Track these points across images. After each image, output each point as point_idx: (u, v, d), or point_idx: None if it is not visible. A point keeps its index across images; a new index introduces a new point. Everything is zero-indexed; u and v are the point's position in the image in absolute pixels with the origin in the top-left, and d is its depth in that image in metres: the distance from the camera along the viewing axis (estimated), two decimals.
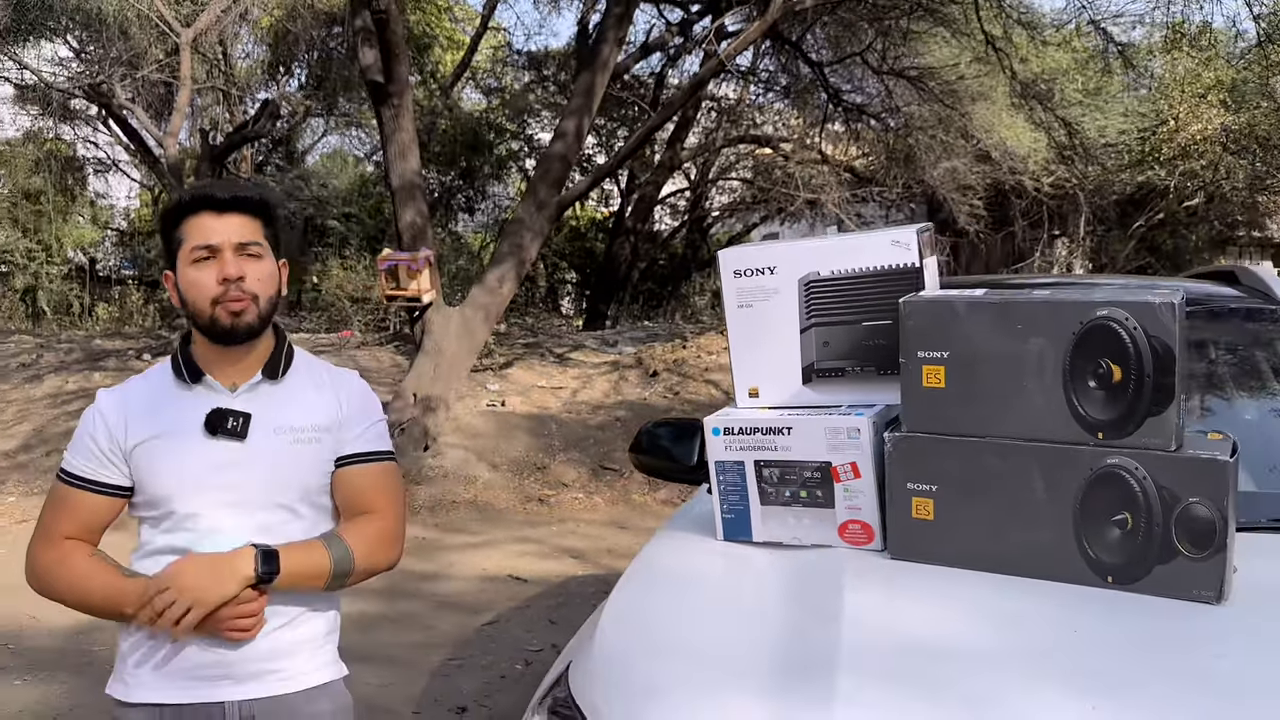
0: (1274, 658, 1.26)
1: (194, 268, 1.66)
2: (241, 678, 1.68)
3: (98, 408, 1.73)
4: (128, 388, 1.77)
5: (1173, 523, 1.37)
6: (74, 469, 1.70)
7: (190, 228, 1.67)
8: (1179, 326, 1.36)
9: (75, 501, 1.69)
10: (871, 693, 1.23)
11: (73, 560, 1.66)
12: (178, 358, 1.74)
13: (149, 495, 1.69)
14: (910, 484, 1.54)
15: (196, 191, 1.72)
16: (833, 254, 1.67)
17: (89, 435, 1.70)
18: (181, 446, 1.66)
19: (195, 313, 1.67)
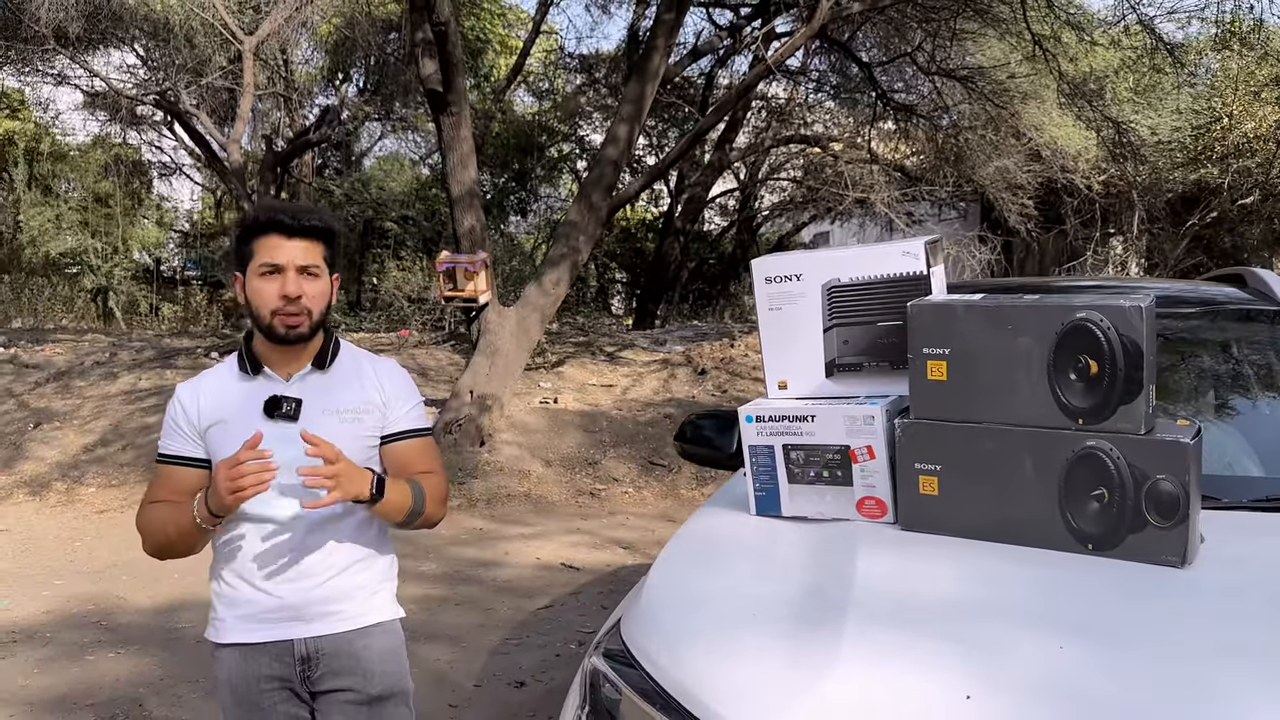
0: (1223, 611, 1.46)
1: (260, 280, 1.93)
2: (308, 619, 1.99)
3: (177, 397, 2.03)
4: (200, 380, 2.06)
5: (1143, 497, 1.57)
6: (165, 449, 2.02)
7: (260, 245, 1.93)
8: (1147, 327, 1.56)
9: (167, 475, 2.00)
10: (875, 633, 1.45)
11: (152, 512, 1.98)
12: (241, 353, 2.03)
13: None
14: (918, 464, 1.76)
15: (269, 214, 1.96)
16: (851, 263, 1.90)
17: (173, 420, 2.02)
18: (244, 428, 1.90)
19: (256, 317, 1.95)
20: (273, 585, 1.98)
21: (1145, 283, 3.05)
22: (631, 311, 18.23)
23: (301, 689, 2.02)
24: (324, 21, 16.14)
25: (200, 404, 2.00)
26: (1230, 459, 2.17)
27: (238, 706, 2.01)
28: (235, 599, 2.00)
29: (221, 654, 2.03)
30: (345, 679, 2.03)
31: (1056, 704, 1.26)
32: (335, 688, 2.03)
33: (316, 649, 2.01)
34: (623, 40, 17.67)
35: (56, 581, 5.66)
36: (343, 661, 2.03)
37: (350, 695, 2.03)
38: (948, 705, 1.29)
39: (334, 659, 2.02)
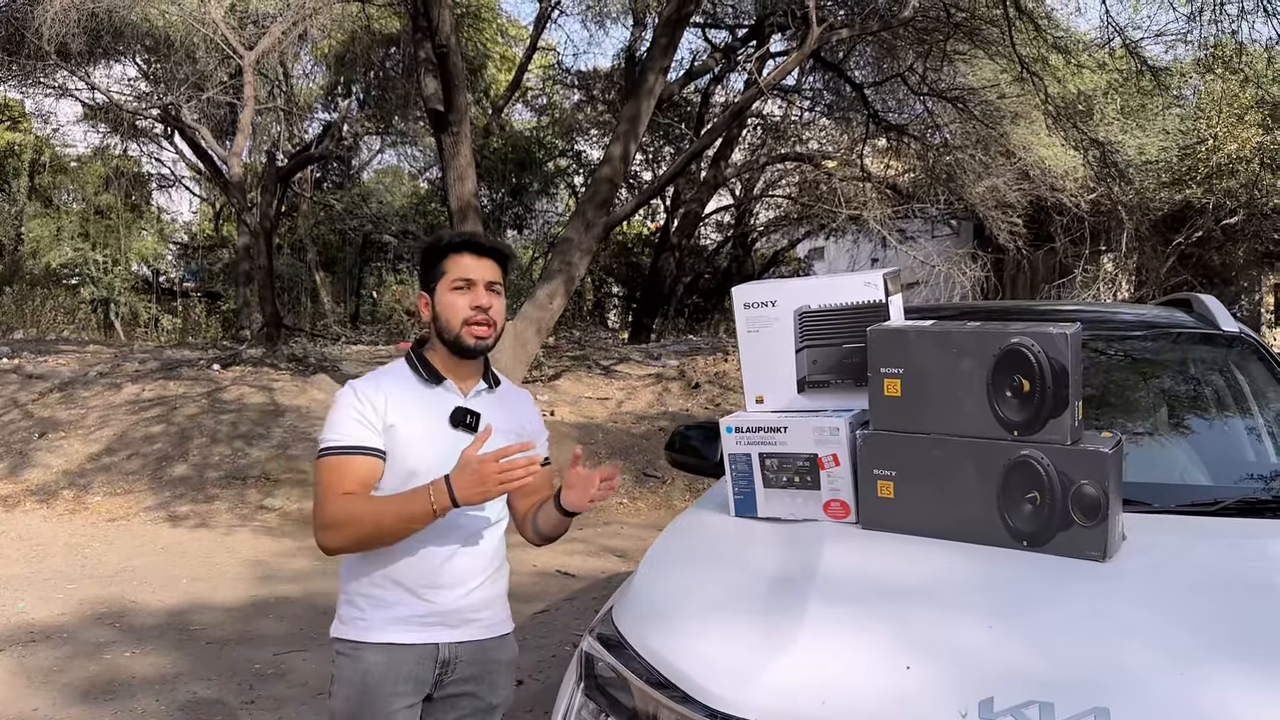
0: (1132, 598, 1.69)
1: (453, 294, 2.07)
2: (454, 624, 2.07)
3: (358, 390, 2.05)
4: (379, 378, 2.10)
5: (1069, 499, 1.80)
6: (345, 439, 2.00)
7: (453, 264, 2.09)
8: (1072, 351, 1.79)
9: (350, 465, 1.99)
10: (833, 615, 1.67)
11: (356, 501, 1.97)
12: (416, 363, 2.12)
13: (398, 468, 2.02)
14: (876, 470, 1.99)
15: (464, 236, 2.14)
16: (820, 291, 2.13)
17: (354, 409, 2.02)
18: (430, 432, 2.03)
19: (446, 329, 2.07)
20: (428, 590, 2.04)
21: (1090, 307, 3.29)
22: (627, 326, 18.46)
23: (431, 690, 2.08)
24: (324, 37, 16.33)
25: (387, 399, 2.03)
26: (1161, 470, 2.41)
27: (366, 703, 2.02)
28: (386, 600, 2.04)
29: (362, 652, 2.04)
30: (473, 685, 2.11)
31: (981, 671, 1.49)
32: (460, 692, 2.10)
33: (456, 654, 2.07)
34: (619, 56, 17.94)
35: (69, 586, 5.85)
36: (476, 668, 2.10)
37: (473, 702, 2.12)
38: (890, 673, 1.51)
39: (470, 665, 2.09)
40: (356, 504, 1.96)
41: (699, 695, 1.59)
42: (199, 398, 10.38)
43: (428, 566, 2.04)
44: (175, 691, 4.20)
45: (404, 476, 2.02)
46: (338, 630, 2.10)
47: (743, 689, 1.56)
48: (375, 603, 2.05)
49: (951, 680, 1.48)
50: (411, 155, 21.88)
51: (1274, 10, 9.42)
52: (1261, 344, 2.77)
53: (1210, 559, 1.89)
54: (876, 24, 10.25)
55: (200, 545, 6.92)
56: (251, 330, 15.80)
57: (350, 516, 1.95)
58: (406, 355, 2.13)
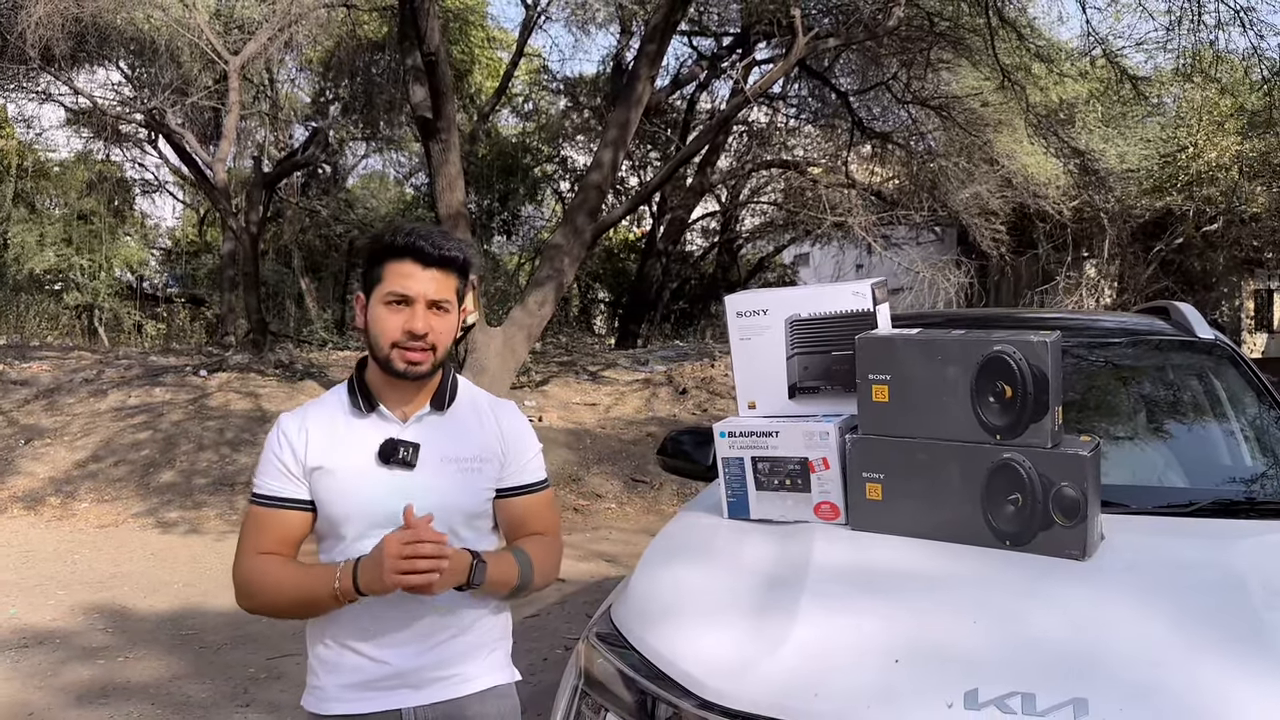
0: (1111, 595, 1.76)
1: (386, 309, 1.73)
2: (418, 685, 1.78)
3: (281, 430, 1.78)
4: (307, 412, 1.81)
5: (1050, 500, 1.87)
6: (264, 490, 1.77)
7: (391, 272, 1.73)
8: (1052, 358, 1.86)
9: (268, 520, 1.76)
10: (824, 613, 1.73)
11: (266, 565, 1.74)
12: (354, 386, 1.81)
13: (323, 517, 1.77)
14: (865, 473, 2.06)
15: (407, 238, 1.74)
16: (810, 300, 2.20)
17: (275, 456, 1.76)
18: (355, 473, 1.74)
19: (375, 347, 1.75)
20: (383, 651, 1.77)
21: (1071, 314, 3.37)
22: (614, 331, 18.53)
23: None
24: (310, 42, 16.31)
25: (308, 439, 1.76)
26: (1138, 473, 2.49)
27: None
28: (340, 665, 1.79)
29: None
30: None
31: (966, 664, 1.56)
32: None
33: (427, 718, 1.79)
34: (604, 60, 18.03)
35: (60, 592, 5.86)
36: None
37: None
38: (879, 667, 1.58)
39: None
40: (263, 571, 1.73)
41: (696, 689, 1.66)
42: (184, 404, 10.38)
43: (386, 624, 1.76)
44: (170, 694, 4.23)
45: (329, 528, 1.78)
46: (304, 700, 1.86)
47: (738, 683, 1.62)
48: (331, 668, 1.80)
49: (938, 673, 1.55)
50: (397, 161, 21.85)
51: (1251, 21, 9.59)
52: (1236, 351, 2.86)
53: (1185, 558, 1.96)
54: (862, 33, 10.36)
55: (190, 551, 6.94)
56: (237, 336, 15.80)
57: (254, 583, 1.73)
58: (349, 380, 1.83)
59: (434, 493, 1.75)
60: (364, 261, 1.81)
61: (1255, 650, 1.57)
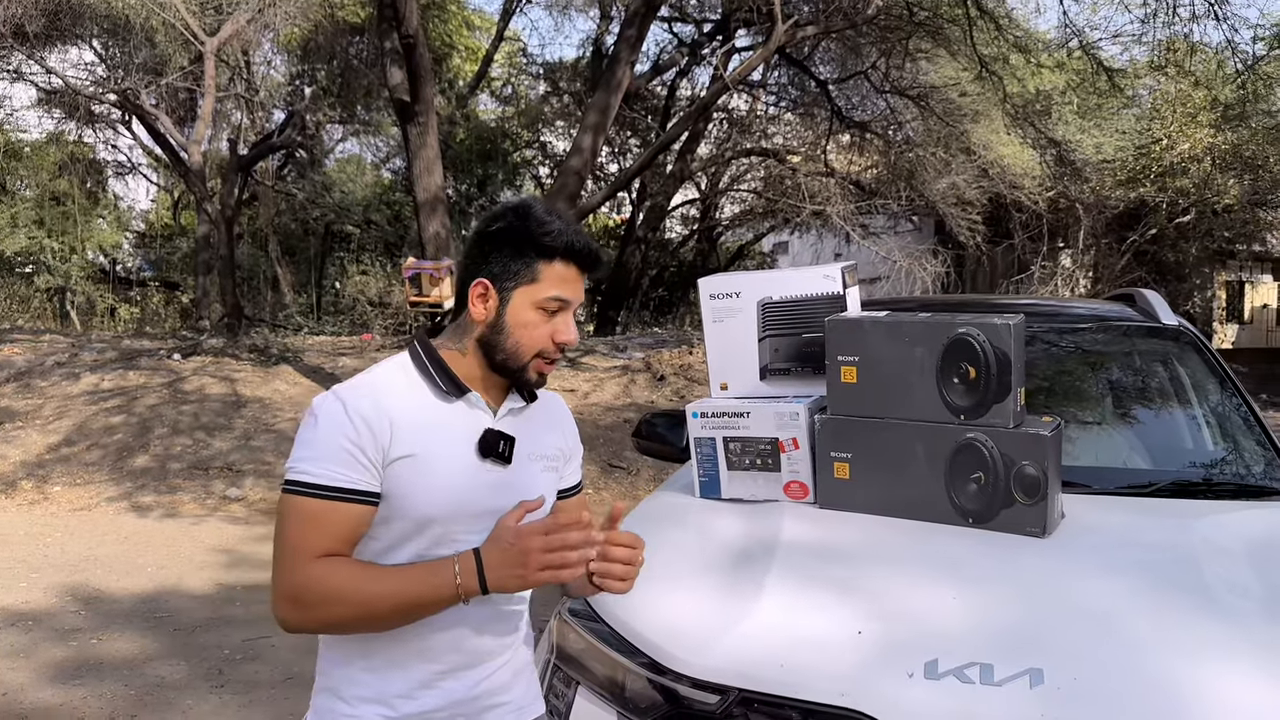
0: (1068, 570, 1.81)
1: (538, 314, 1.53)
2: (471, 714, 1.56)
3: (351, 408, 1.47)
4: (378, 392, 1.51)
5: (1012, 479, 1.92)
6: (328, 479, 1.44)
7: (551, 273, 1.53)
8: (1015, 341, 1.91)
9: (332, 516, 1.44)
10: (790, 587, 1.77)
11: (342, 569, 1.44)
12: (428, 365, 1.56)
13: (405, 512, 1.49)
14: (833, 453, 2.11)
15: (582, 244, 1.55)
16: (782, 283, 2.24)
17: (346, 438, 1.45)
18: (451, 465, 1.51)
19: (512, 352, 1.54)
20: (440, 677, 1.53)
21: (1038, 301, 3.42)
22: (593, 318, 18.54)
23: None
24: (287, 24, 16.15)
25: (393, 423, 1.48)
26: (1100, 454, 2.55)
27: None
28: (384, 692, 1.51)
29: None
30: None
31: (927, 636, 1.60)
32: None
33: None
34: (584, 45, 17.98)
35: (32, 575, 5.83)
36: None
37: None
38: (843, 638, 1.63)
39: None
40: (340, 575, 1.43)
41: (666, 661, 1.70)
42: (159, 388, 10.31)
43: (449, 643, 1.53)
44: (144, 675, 4.23)
45: (410, 529, 1.51)
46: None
47: (706, 654, 1.66)
48: (368, 696, 1.51)
49: (900, 644, 1.60)
50: (375, 145, 21.73)
51: (1224, 15, 9.70)
52: (1199, 337, 2.92)
53: (1142, 536, 2.02)
54: (841, 21, 10.41)
55: (165, 535, 6.91)
56: (211, 320, 15.69)
57: (330, 593, 1.42)
58: (412, 352, 1.59)
59: (530, 491, 1.57)
60: (496, 242, 1.54)
61: (1205, 622, 1.63)
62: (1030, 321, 2.61)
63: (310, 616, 1.43)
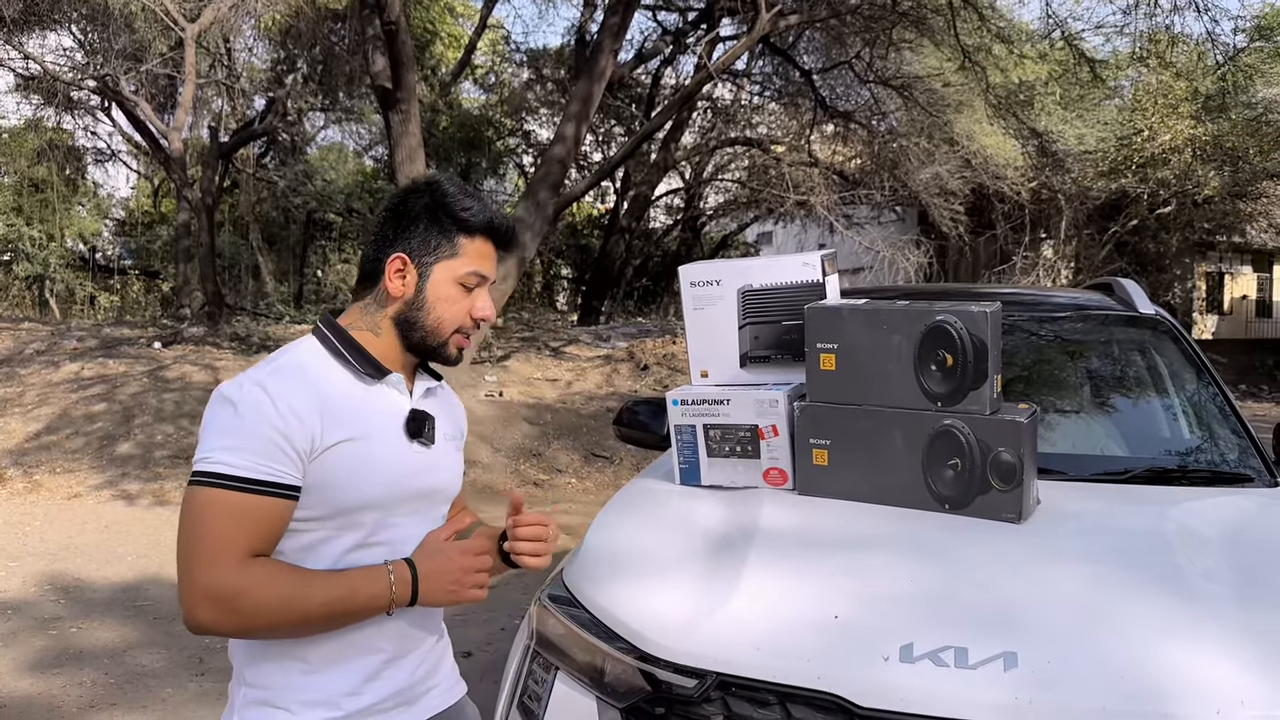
0: (1041, 555, 1.83)
1: (458, 288, 1.51)
2: (413, 699, 1.54)
3: (274, 394, 1.39)
4: (297, 377, 1.44)
5: (988, 465, 1.94)
6: (255, 472, 1.35)
7: (471, 249, 1.52)
8: (992, 328, 1.93)
9: (259, 511, 1.36)
10: (769, 573, 1.78)
11: (272, 573, 1.37)
12: (342, 347, 1.50)
13: (343, 500, 1.43)
14: (812, 440, 2.12)
15: (501, 220, 1.55)
16: (761, 271, 2.25)
17: (273, 429, 1.37)
18: (386, 449, 1.48)
19: (432, 327, 1.51)
20: (387, 667, 1.50)
21: (1017, 290, 3.44)
22: (577, 308, 18.52)
23: None
24: (268, 9, 16.01)
25: (323, 410, 1.41)
26: (1077, 442, 2.58)
27: None
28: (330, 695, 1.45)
29: None
30: None
31: (903, 620, 1.62)
32: None
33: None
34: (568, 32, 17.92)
35: (11, 563, 5.80)
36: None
37: None
38: (820, 622, 1.64)
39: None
40: (279, 584, 1.36)
41: (644, 646, 1.71)
42: (140, 376, 10.25)
43: (377, 635, 1.48)
44: (124, 664, 4.22)
45: (344, 519, 1.45)
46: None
47: (685, 639, 1.67)
48: (312, 699, 1.44)
49: (876, 628, 1.61)
50: (357, 133, 21.59)
51: (1205, 6, 9.75)
52: (1176, 326, 2.95)
53: (1117, 522, 2.04)
54: (825, 10, 10.40)
55: (146, 523, 6.88)
56: (192, 309, 15.58)
57: (268, 602, 1.34)
58: (320, 336, 1.52)
59: (447, 471, 1.58)
60: (414, 218, 1.51)
61: (1177, 605, 1.65)
62: (1009, 310, 2.63)
63: (237, 622, 1.35)
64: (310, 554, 1.43)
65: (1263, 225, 20.28)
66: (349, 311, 1.55)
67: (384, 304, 1.51)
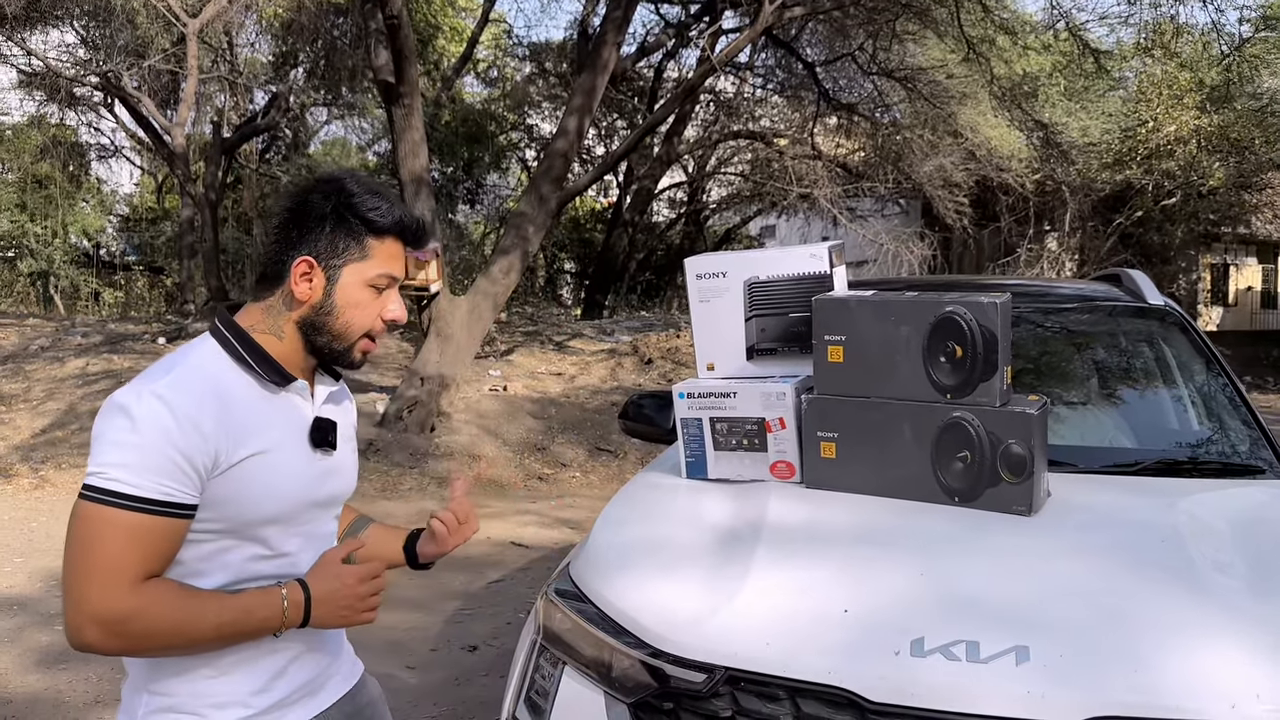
0: (1051, 547, 1.82)
1: (368, 292, 1.46)
2: (317, 689, 1.54)
3: (183, 414, 1.32)
4: (196, 388, 1.36)
5: (998, 458, 1.92)
6: (152, 491, 1.30)
7: (381, 250, 1.46)
8: (1001, 319, 1.91)
9: (155, 532, 1.31)
10: (777, 567, 1.77)
11: (164, 595, 1.32)
12: (244, 352, 1.43)
13: (240, 517, 1.39)
14: (820, 433, 2.10)
15: (411, 220, 1.50)
16: (768, 263, 2.23)
17: (173, 447, 1.30)
18: (293, 460, 1.44)
19: (340, 331, 1.46)
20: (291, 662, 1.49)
21: (1025, 281, 3.42)
22: (580, 302, 18.50)
23: None
24: (270, 3, 16.01)
25: (229, 424, 1.36)
26: (1087, 433, 2.56)
27: None
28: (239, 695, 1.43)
29: None
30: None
31: (913, 614, 1.60)
32: None
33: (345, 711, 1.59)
34: (571, 26, 17.87)
35: (17, 559, 5.80)
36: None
37: None
38: (830, 617, 1.62)
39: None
40: (168, 609, 1.31)
41: (652, 640, 1.69)
42: None
43: (288, 634, 1.45)
44: None
45: (242, 527, 1.40)
46: None
47: (693, 633, 1.66)
48: (222, 701, 1.42)
49: (886, 622, 1.60)
50: (360, 127, 21.58)
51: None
52: (1184, 317, 2.93)
53: (1127, 514, 2.02)
54: (828, 2, 10.35)
55: None
56: (196, 304, 15.59)
57: (156, 627, 1.30)
58: (222, 340, 1.44)
59: (348, 474, 1.56)
60: (320, 222, 1.44)
61: (1188, 598, 1.63)
62: (1017, 302, 2.61)
63: (124, 645, 1.31)
64: (209, 563, 1.39)
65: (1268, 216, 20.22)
66: (248, 311, 1.48)
67: (289, 307, 1.45)
